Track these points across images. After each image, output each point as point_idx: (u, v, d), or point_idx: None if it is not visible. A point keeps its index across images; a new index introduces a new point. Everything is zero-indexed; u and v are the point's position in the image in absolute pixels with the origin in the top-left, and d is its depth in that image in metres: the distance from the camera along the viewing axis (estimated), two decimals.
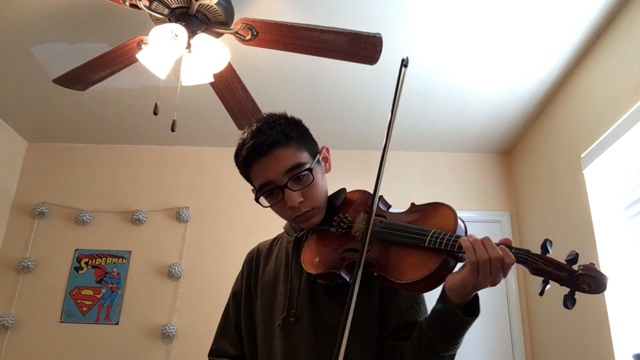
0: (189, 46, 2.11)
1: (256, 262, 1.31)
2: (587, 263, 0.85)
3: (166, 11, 2.10)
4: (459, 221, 0.99)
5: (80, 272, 3.48)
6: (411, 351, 1.01)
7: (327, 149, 1.26)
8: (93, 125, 3.60)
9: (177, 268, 3.47)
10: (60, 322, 3.36)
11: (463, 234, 0.97)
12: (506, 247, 0.89)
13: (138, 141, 3.82)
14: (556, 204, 2.99)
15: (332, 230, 1.14)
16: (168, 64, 2.13)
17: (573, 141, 2.79)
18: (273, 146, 1.12)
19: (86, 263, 3.50)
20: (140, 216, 3.60)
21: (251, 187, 1.21)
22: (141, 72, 2.49)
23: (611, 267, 2.35)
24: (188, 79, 2.17)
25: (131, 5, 2.03)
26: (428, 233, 0.96)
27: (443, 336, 0.95)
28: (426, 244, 0.94)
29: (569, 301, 0.84)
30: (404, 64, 1.10)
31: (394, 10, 2.41)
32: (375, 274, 1.00)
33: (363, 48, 2.09)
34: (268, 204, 1.19)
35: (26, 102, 3.31)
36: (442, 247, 0.92)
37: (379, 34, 2.04)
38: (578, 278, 0.83)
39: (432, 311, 0.98)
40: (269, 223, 1.59)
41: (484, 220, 3.59)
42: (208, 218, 3.65)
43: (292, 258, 1.21)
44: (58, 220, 3.62)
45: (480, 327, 3.26)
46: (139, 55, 2.12)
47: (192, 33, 2.11)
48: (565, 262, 0.86)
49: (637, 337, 2.23)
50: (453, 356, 0.99)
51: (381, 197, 1.16)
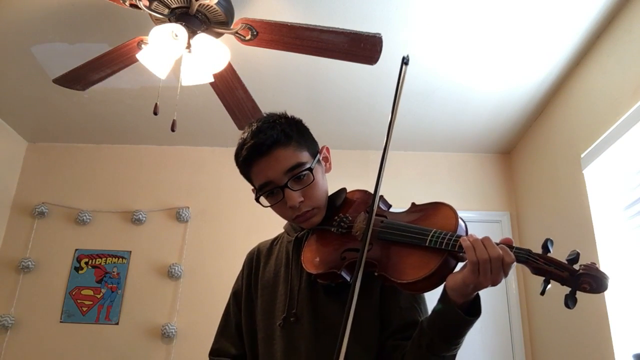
0: (189, 46, 2.11)
1: (256, 262, 1.31)
2: (588, 263, 0.85)
3: (166, 11, 2.10)
4: (460, 221, 0.99)
5: (80, 272, 3.48)
6: (412, 351, 1.01)
7: (328, 149, 1.26)
8: (93, 125, 3.60)
9: (177, 268, 3.47)
10: (60, 322, 3.36)
11: (464, 234, 0.97)
12: (507, 247, 0.89)
13: (138, 141, 3.82)
14: (556, 204, 2.99)
15: (333, 230, 1.14)
16: (168, 64, 2.13)
17: (573, 141, 2.79)
18: (273, 146, 1.12)
19: (86, 263, 3.50)
20: (140, 216, 3.60)
21: (251, 187, 1.21)
22: (141, 72, 2.50)
23: (611, 267, 2.35)
24: (188, 79, 2.17)
25: (131, 5, 2.03)
26: (429, 233, 0.96)
27: (444, 336, 0.95)
28: (427, 244, 0.94)
29: (570, 301, 0.83)
30: (405, 62, 1.09)
31: (394, 10, 2.41)
32: (375, 274, 1.00)
33: (363, 48, 2.09)
34: (268, 204, 1.19)
35: (26, 102, 3.31)
36: (443, 247, 0.92)
37: (379, 34, 2.04)
38: (579, 278, 0.83)
39: (433, 311, 0.98)
40: (269, 223, 1.59)
41: (484, 220, 3.59)
42: (208, 218, 3.65)
43: (293, 258, 1.21)
44: (58, 220, 3.62)
45: (480, 327, 3.26)
46: (139, 55, 2.12)
47: (192, 33, 2.11)
48: (566, 262, 0.86)
49: (637, 337, 2.23)
50: (454, 356, 0.99)
51: (381, 197, 1.16)
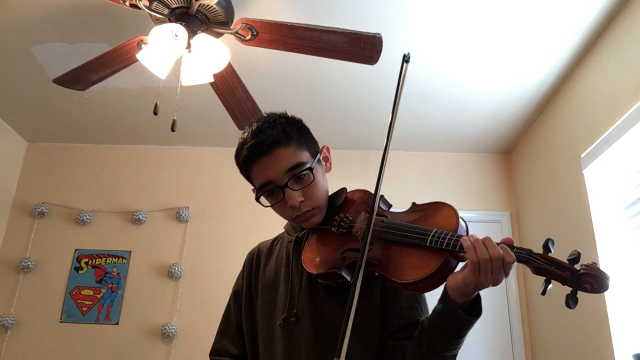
0: (189, 46, 2.11)
1: (257, 262, 1.31)
2: (589, 262, 0.84)
3: (166, 11, 2.10)
4: (461, 221, 0.99)
5: (80, 272, 3.48)
6: (412, 351, 1.01)
7: (328, 149, 1.26)
8: (93, 125, 3.60)
9: (177, 268, 3.46)
10: (60, 322, 3.36)
11: (464, 234, 0.96)
12: (507, 247, 0.89)
13: (138, 141, 3.81)
14: (556, 204, 2.99)
15: (333, 229, 1.14)
16: (168, 64, 2.12)
17: (573, 141, 2.79)
18: (273, 146, 1.12)
19: (86, 263, 3.50)
20: (140, 216, 3.60)
21: (252, 187, 1.21)
22: (141, 72, 2.50)
23: (611, 267, 2.35)
24: (188, 79, 2.16)
25: (131, 5, 2.03)
26: (429, 233, 0.95)
27: (445, 336, 0.95)
28: (427, 244, 0.94)
29: (571, 301, 0.83)
30: (406, 60, 1.08)
31: (394, 10, 2.41)
32: (376, 274, 1.00)
33: (363, 48, 2.09)
34: (268, 204, 1.18)
35: (26, 102, 3.31)
36: (444, 247, 0.92)
37: (379, 34, 2.04)
38: (580, 277, 0.83)
39: (434, 311, 0.98)
40: (269, 223, 1.59)
41: (484, 220, 3.59)
42: (208, 218, 3.65)
43: (293, 258, 1.21)
44: (58, 220, 3.61)
45: (480, 327, 3.25)
46: (139, 55, 2.12)
47: (192, 33, 2.11)
48: (567, 262, 0.85)
49: (637, 337, 2.23)
50: (455, 356, 0.99)
51: (382, 197, 1.15)
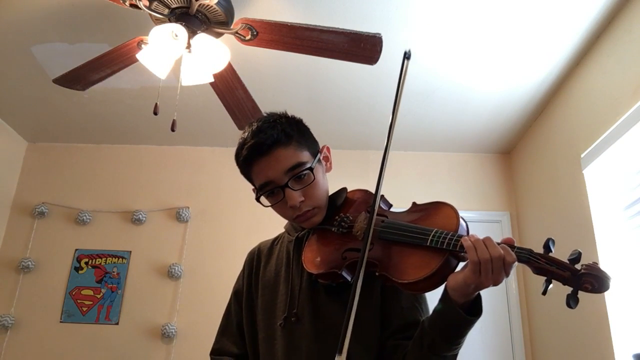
0: (189, 46, 2.11)
1: (257, 262, 1.31)
2: (590, 262, 0.84)
3: (166, 11, 2.10)
4: (461, 220, 0.99)
5: (80, 272, 3.48)
6: (413, 351, 1.01)
7: (328, 148, 1.26)
8: (93, 125, 3.60)
9: (177, 268, 3.46)
10: (60, 322, 3.36)
11: (465, 234, 0.96)
12: (508, 247, 0.89)
13: (138, 141, 3.81)
14: (556, 204, 2.99)
15: (333, 229, 1.14)
16: (168, 64, 2.12)
17: (573, 141, 2.79)
18: (274, 145, 1.12)
19: (86, 263, 3.50)
20: (140, 216, 3.60)
21: (252, 187, 1.20)
22: (141, 72, 2.49)
23: (611, 267, 2.34)
24: (188, 79, 2.16)
25: (131, 5, 2.03)
26: (430, 232, 0.95)
27: (445, 336, 0.95)
28: (428, 244, 0.94)
29: (572, 300, 0.83)
30: (407, 57, 1.07)
31: (394, 10, 2.41)
32: (376, 274, 1.00)
33: (363, 48, 2.09)
34: (269, 204, 1.18)
35: (26, 102, 3.31)
36: (444, 247, 0.92)
37: (379, 34, 2.04)
38: (581, 277, 0.82)
39: (434, 311, 0.97)
40: (269, 223, 1.59)
41: (484, 220, 3.59)
42: (208, 218, 3.65)
43: (293, 258, 1.21)
44: (58, 220, 3.61)
45: (480, 327, 3.21)
46: (139, 55, 2.12)
47: (192, 33, 2.11)
48: (568, 262, 0.85)
49: (637, 337, 2.23)
50: (455, 356, 0.99)
51: (382, 197, 1.15)
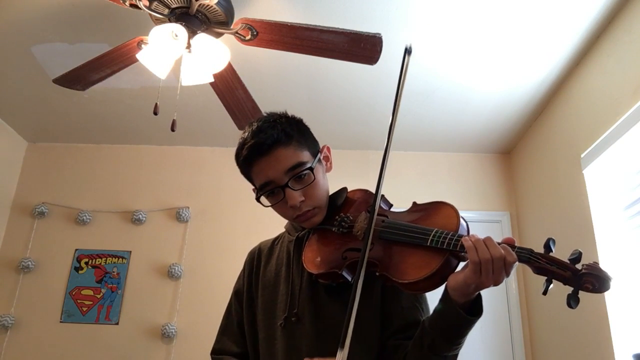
0: (189, 46, 2.11)
1: (257, 261, 1.31)
2: (591, 262, 0.84)
3: (166, 11, 2.10)
4: (461, 220, 0.99)
5: (80, 272, 3.48)
6: (413, 351, 1.01)
7: (328, 148, 1.25)
8: (93, 125, 3.60)
9: (177, 268, 3.46)
10: (60, 322, 3.36)
11: (465, 233, 0.96)
12: (509, 247, 0.89)
13: (138, 141, 3.81)
14: (556, 204, 2.99)
15: (334, 229, 1.14)
16: (168, 64, 2.12)
17: (573, 141, 2.79)
18: (274, 145, 1.11)
19: (86, 263, 3.50)
20: (140, 216, 3.59)
21: (252, 187, 1.20)
22: (141, 72, 2.49)
23: (611, 267, 2.34)
24: (188, 79, 2.16)
25: (131, 5, 2.03)
26: (430, 232, 0.95)
27: (446, 336, 0.95)
28: (428, 244, 0.94)
29: (573, 300, 0.83)
30: (408, 52, 1.06)
31: (394, 10, 2.41)
32: (377, 274, 1.00)
33: (363, 48, 2.09)
34: (269, 204, 1.18)
35: (26, 102, 3.31)
36: (445, 247, 0.92)
37: (379, 34, 2.04)
38: (582, 277, 0.82)
39: (435, 311, 0.97)
40: (269, 223, 1.59)
41: (484, 220, 3.59)
42: (208, 218, 3.65)
43: (294, 257, 1.21)
44: (58, 220, 3.61)
45: (480, 327, 3.21)
46: (139, 55, 2.11)
47: (192, 33, 2.11)
48: (568, 262, 0.85)
49: (637, 337, 2.23)
50: (456, 356, 0.99)
51: (383, 197, 1.15)
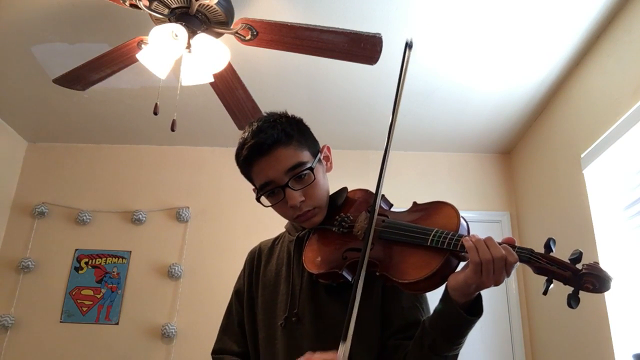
0: (189, 46, 2.11)
1: (257, 261, 1.31)
2: (591, 262, 0.84)
3: (166, 11, 2.10)
4: (462, 220, 0.99)
5: (80, 272, 3.48)
6: (414, 351, 1.01)
7: (329, 148, 1.25)
8: (93, 125, 3.60)
9: (177, 268, 3.46)
10: (60, 322, 3.36)
11: (466, 233, 0.96)
12: (509, 247, 0.89)
13: (138, 141, 3.81)
14: (556, 204, 2.99)
15: (334, 229, 1.14)
16: (168, 64, 2.12)
17: (573, 141, 2.79)
18: (274, 145, 1.11)
19: (86, 263, 3.50)
20: (140, 216, 3.59)
21: (252, 187, 1.20)
22: (141, 72, 2.49)
23: (611, 267, 2.34)
24: (188, 79, 2.16)
25: (131, 5, 2.03)
26: (430, 232, 0.95)
27: (446, 336, 0.95)
28: (428, 244, 0.94)
29: (573, 300, 0.83)
30: (409, 46, 1.05)
31: (394, 10, 2.41)
32: (377, 274, 1.00)
33: (363, 48, 2.09)
34: (269, 204, 1.18)
35: (26, 102, 3.31)
36: (445, 247, 0.92)
37: (379, 34, 2.04)
38: (582, 277, 0.82)
39: (435, 311, 0.97)
40: (269, 223, 1.59)
41: (484, 220, 3.59)
42: (208, 218, 3.65)
43: (294, 257, 1.21)
44: (58, 220, 3.61)
45: (480, 327, 3.22)
46: (139, 55, 2.11)
47: (192, 33, 2.11)
48: (569, 262, 0.85)
49: (637, 337, 2.23)
50: (456, 356, 0.99)
51: (383, 196, 1.15)
